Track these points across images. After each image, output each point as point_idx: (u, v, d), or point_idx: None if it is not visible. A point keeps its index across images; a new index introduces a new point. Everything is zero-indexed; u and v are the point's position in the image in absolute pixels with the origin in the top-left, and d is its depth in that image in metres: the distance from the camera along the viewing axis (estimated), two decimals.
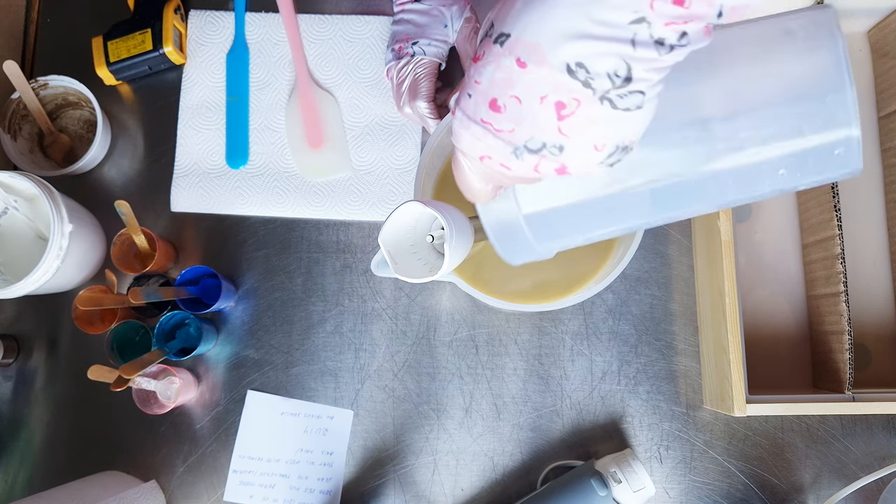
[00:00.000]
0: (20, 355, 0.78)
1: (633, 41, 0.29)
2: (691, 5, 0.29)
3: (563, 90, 0.31)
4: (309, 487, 0.74)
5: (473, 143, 0.34)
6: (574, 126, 0.31)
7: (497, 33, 0.33)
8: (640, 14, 0.29)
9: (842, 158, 0.38)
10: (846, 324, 0.66)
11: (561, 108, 0.31)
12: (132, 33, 0.79)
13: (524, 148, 0.33)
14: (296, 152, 0.80)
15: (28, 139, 0.81)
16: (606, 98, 0.31)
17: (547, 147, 0.32)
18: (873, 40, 0.78)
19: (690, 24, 0.30)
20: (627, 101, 0.31)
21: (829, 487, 0.72)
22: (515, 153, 0.33)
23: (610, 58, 0.30)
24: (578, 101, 0.31)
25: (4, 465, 0.76)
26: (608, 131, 0.32)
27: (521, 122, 0.32)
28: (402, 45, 0.73)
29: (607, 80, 0.30)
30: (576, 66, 0.30)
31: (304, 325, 0.77)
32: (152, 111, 0.82)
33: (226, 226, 0.80)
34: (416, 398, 0.75)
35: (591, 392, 0.75)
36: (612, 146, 0.33)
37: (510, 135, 0.33)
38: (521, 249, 0.44)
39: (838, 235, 0.67)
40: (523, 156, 0.33)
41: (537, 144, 0.32)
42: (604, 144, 0.32)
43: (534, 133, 0.32)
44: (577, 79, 0.30)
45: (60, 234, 0.68)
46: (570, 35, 0.30)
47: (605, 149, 0.33)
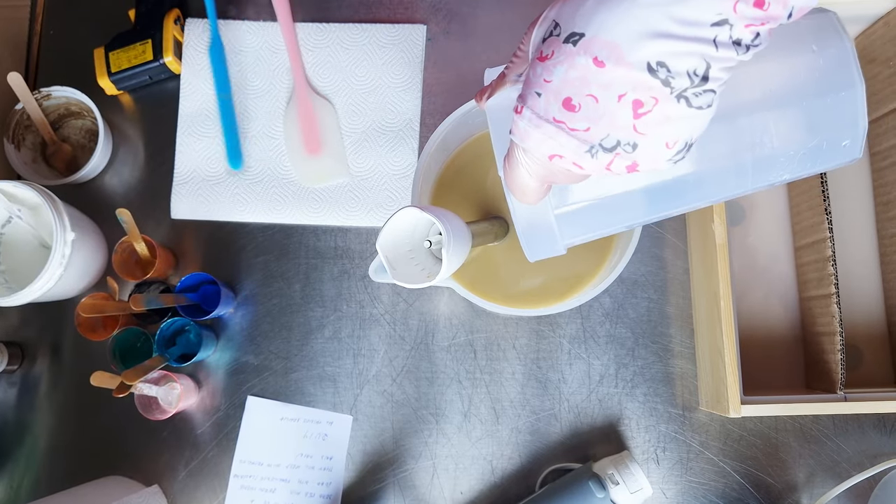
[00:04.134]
0: (24, 362, 0.78)
1: (715, 41, 0.30)
2: (769, 7, 0.30)
3: (642, 88, 0.31)
4: (309, 492, 0.74)
5: (544, 141, 0.34)
6: (650, 124, 0.32)
7: (567, 32, 0.33)
8: (724, 16, 0.30)
9: (847, 149, 0.40)
10: (838, 325, 0.67)
11: (638, 107, 0.31)
12: (133, 44, 0.80)
13: (599, 146, 0.33)
14: (294, 159, 0.80)
15: (31, 149, 0.82)
16: (683, 96, 0.31)
17: (621, 145, 0.33)
18: (861, 47, 0.79)
19: (765, 26, 0.31)
20: (701, 100, 0.32)
21: (822, 486, 0.72)
22: (590, 151, 0.33)
23: (692, 57, 0.30)
24: (656, 100, 0.31)
25: (9, 471, 0.76)
26: (681, 128, 0.32)
27: (598, 120, 0.32)
28: None
29: (687, 78, 0.31)
30: (657, 65, 0.30)
31: (302, 330, 0.78)
32: (152, 120, 0.83)
33: (225, 232, 0.81)
34: (414, 403, 0.76)
35: (588, 395, 0.75)
36: (683, 143, 0.33)
37: (585, 133, 0.33)
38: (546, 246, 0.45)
39: (829, 238, 0.68)
40: (598, 154, 0.33)
41: (612, 142, 0.33)
42: (675, 141, 0.33)
43: (609, 131, 0.32)
44: (657, 77, 0.31)
45: (63, 242, 0.69)
46: (651, 34, 0.30)
47: (675, 146, 0.33)
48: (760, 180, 0.42)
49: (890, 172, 0.75)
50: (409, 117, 0.81)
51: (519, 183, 0.38)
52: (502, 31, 0.83)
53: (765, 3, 0.30)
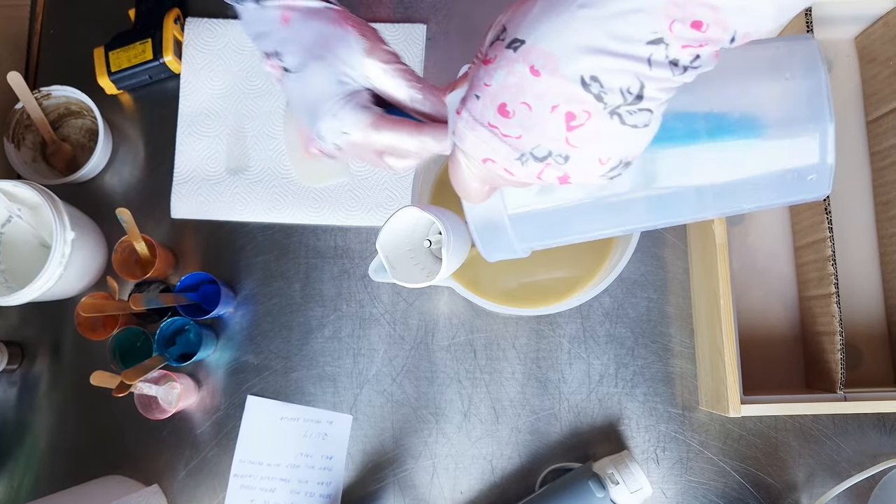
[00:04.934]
0: (24, 361, 0.78)
1: (649, 60, 0.30)
2: (708, 29, 0.30)
3: (574, 101, 0.31)
4: (309, 491, 0.74)
5: (478, 145, 0.34)
6: (582, 137, 0.32)
7: (510, 38, 0.33)
8: (659, 35, 0.30)
9: (813, 184, 0.39)
10: (838, 325, 0.67)
11: (571, 119, 0.31)
12: (133, 43, 0.80)
13: (530, 155, 0.33)
14: (294, 158, 0.80)
15: (31, 148, 0.82)
16: (616, 113, 0.31)
17: (552, 156, 0.33)
18: (860, 46, 0.80)
19: (705, 48, 0.30)
20: (636, 118, 0.31)
21: (822, 485, 0.72)
22: (521, 159, 0.33)
23: (625, 74, 0.30)
24: (589, 114, 0.31)
25: (9, 471, 0.76)
26: (614, 146, 0.32)
27: (530, 129, 0.32)
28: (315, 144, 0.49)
29: (619, 95, 0.31)
30: (590, 80, 0.30)
31: (302, 330, 0.78)
32: (153, 119, 0.83)
33: (225, 232, 0.81)
34: (414, 402, 0.76)
35: (588, 395, 0.75)
36: (616, 160, 0.33)
37: (517, 141, 0.33)
38: (502, 247, 0.45)
39: (829, 238, 0.68)
40: (528, 162, 0.33)
41: (543, 152, 0.33)
42: (608, 158, 0.33)
43: (541, 141, 0.32)
44: (590, 92, 0.31)
45: (63, 241, 0.69)
46: (587, 48, 0.30)
47: (608, 162, 0.33)
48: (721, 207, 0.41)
49: (889, 172, 0.75)
50: None
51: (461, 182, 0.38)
52: None
53: (703, 24, 0.29)
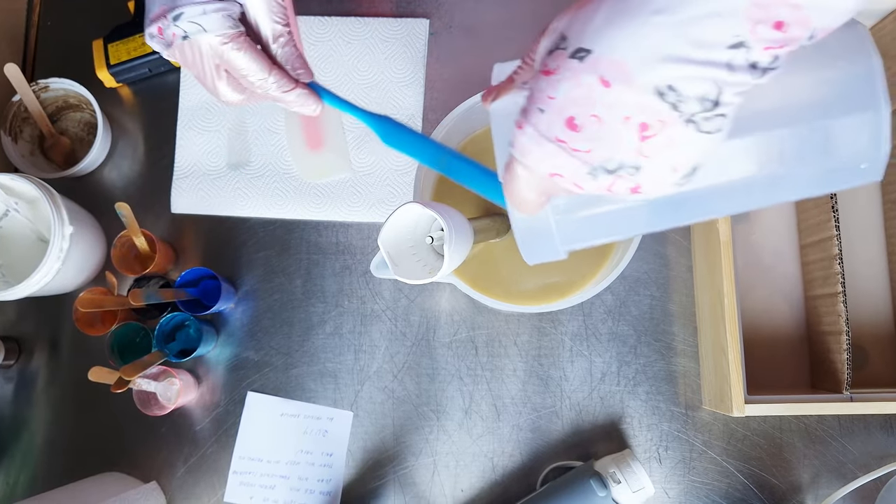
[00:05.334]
0: (21, 357, 0.78)
1: (729, 65, 0.29)
2: (789, 29, 0.29)
3: (649, 112, 0.30)
4: (309, 488, 0.74)
5: (544, 160, 0.33)
6: (655, 147, 0.31)
7: (574, 48, 0.31)
8: (741, 38, 0.29)
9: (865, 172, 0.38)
10: (844, 324, 0.66)
11: (644, 130, 0.30)
12: (132, 36, 0.80)
13: (601, 168, 0.32)
14: (295, 154, 0.79)
15: (29, 141, 0.82)
16: (692, 121, 0.30)
17: (624, 168, 0.32)
18: None
19: (784, 49, 0.29)
20: (711, 124, 0.30)
21: (827, 487, 0.72)
22: (592, 173, 0.32)
23: (703, 81, 0.29)
24: (663, 123, 0.30)
25: (6, 467, 0.76)
26: (688, 153, 0.31)
27: (600, 142, 0.31)
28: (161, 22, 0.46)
29: (696, 103, 0.30)
30: (666, 89, 0.29)
31: (303, 326, 0.77)
32: (152, 113, 0.83)
33: (225, 227, 0.80)
34: (415, 399, 0.76)
35: (590, 393, 0.75)
36: (689, 168, 0.32)
37: (587, 155, 0.32)
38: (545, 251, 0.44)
39: (836, 236, 0.68)
40: (600, 176, 0.32)
41: (614, 165, 0.32)
42: (681, 165, 0.32)
43: (612, 154, 0.31)
44: (665, 101, 0.30)
45: (61, 236, 0.68)
46: (663, 57, 0.29)
47: (681, 170, 0.32)
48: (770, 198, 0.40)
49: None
50: (412, 112, 0.80)
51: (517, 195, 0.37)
52: (505, 26, 0.82)
53: (784, 24, 0.29)
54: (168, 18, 0.45)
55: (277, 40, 0.48)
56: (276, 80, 0.49)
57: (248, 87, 0.49)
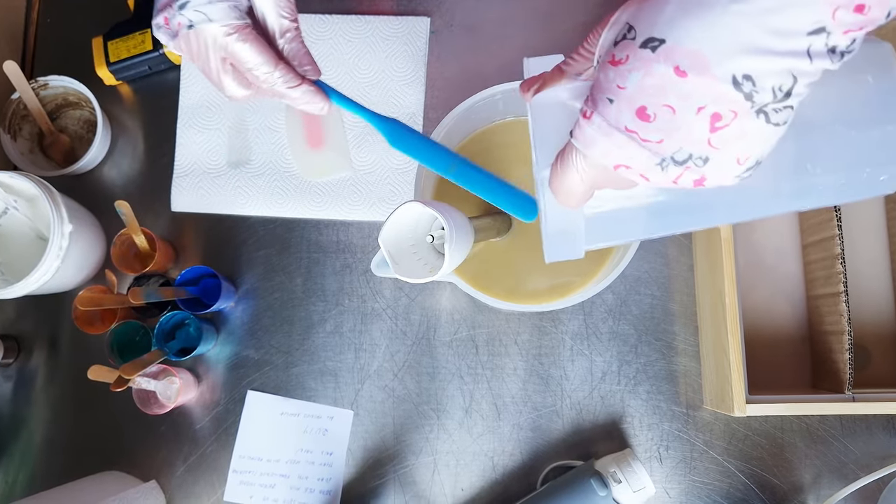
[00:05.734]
0: (20, 355, 0.78)
1: (808, 52, 0.29)
2: (870, 10, 0.28)
3: (723, 102, 0.30)
4: (309, 487, 0.74)
5: (612, 150, 0.33)
6: (725, 138, 0.31)
7: (644, 37, 0.31)
8: (822, 24, 0.28)
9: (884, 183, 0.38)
10: (846, 324, 0.66)
11: (716, 120, 0.30)
12: (132, 33, 0.79)
13: (671, 159, 0.32)
14: (296, 152, 0.79)
15: (28, 139, 0.81)
16: (763, 111, 0.30)
17: (693, 159, 0.31)
18: None
19: (863, 31, 0.29)
20: (779, 116, 0.30)
21: (828, 487, 0.72)
22: (661, 164, 0.32)
23: (780, 71, 0.29)
24: (735, 114, 0.30)
25: (4, 466, 0.76)
26: (754, 144, 0.31)
27: (672, 132, 0.31)
28: (167, 12, 0.46)
29: (771, 93, 0.29)
30: (743, 79, 0.29)
31: (304, 325, 0.77)
32: (152, 111, 0.82)
33: (226, 226, 0.80)
34: (415, 398, 0.75)
35: (591, 392, 0.75)
36: (754, 160, 0.32)
37: (658, 145, 0.31)
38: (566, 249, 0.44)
39: (838, 235, 0.67)
40: (668, 167, 0.32)
41: (684, 156, 0.31)
42: (747, 157, 0.31)
43: (683, 144, 0.31)
44: (741, 91, 0.29)
45: (60, 234, 0.68)
46: (742, 46, 0.29)
47: (746, 162, 0.32)
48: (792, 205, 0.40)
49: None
50: (413, 111, 0.80)
51: (567, 187, 0.37)
52: (506, 25, 0.82)
53: (865, 6, 0.28)
54: (174, 7, 0.45)
55: (284, 35, 0.48)
56: (283, 76, 0.48)
57: (254, 81, 0.48)
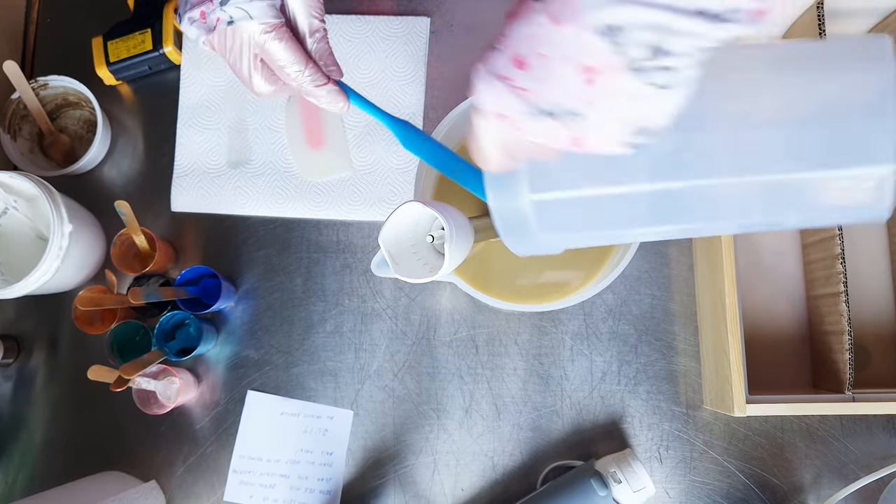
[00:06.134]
0: (20, 355, 0.77)
1: (673, 7, 0.28)
2: None
3: (592, 53, 0.29)
4: (309, 487, 0.74)
5: (490, 98, 0.33)
6: (597, 94, 0.30)
7: None
8: None
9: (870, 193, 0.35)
10: (846, 324, 0.66)
11: (587, 73, 0.29)
12: (132, 33, 0.79)
13: (542, 110, 0.31)
14: (296, 152, 0.79)
15: (28, 139, 0.81)
16: (637, 69, 0.29)
17: (566, 113, 0.31)
18: None
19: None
20: (656, 77, 0.29)
21: (829, 487, 0.72)
22: (532, 114, 0.32)
23: (647, 24, 0.28)
24: (606, 67, 0.29)
25: (4, 466, 0.76)
26: (632, 106, 0.30)
27: (544, 81, 0.30)
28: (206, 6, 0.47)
29: (640, 48, 0.29)
30: (611, 29, 0.28)
31: (304, 325, 0.77)
32: (152, 111, 0.82)
33: (226, 226, 0.80)
34: (416, 398, 0.75)
35: (591, 392, 0.75)
36: (634, 125, 0.31)
37: (529, 94, 0.31)
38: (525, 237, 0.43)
39: (838, 235, 0.67)
40: (540, 119, 0.32)
41: (556, 108, 0.31)
42: (627, 120, 0.31)
43: (554, 95, 0.31)
44: (609, 42, 0.29)
45: (60, 234, 0.68)
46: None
47: (627, 125, 0.31)
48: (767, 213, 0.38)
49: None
50: (413, 111, 0.80)
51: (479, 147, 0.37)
52: None
53: None
54: (214, 2, 0.46)
55: (314, 35, 0.49)
56: (312, 74, 0.49)
57: (284, 78, 0.49)
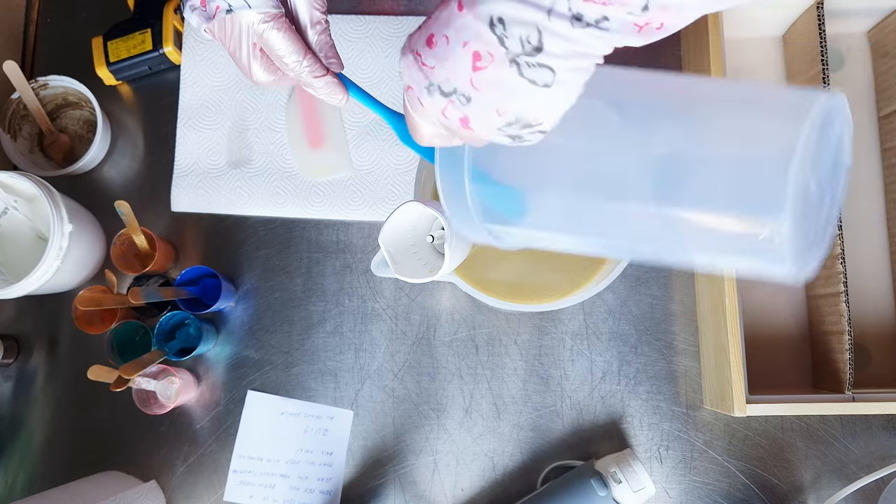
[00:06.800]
0: (20, 355, 0.77)
1: (549, 11, 0.30)
2: None
3: (482, 41, 0.32)
4: (309, 487, 0.74)
5: (405, 70, 0.36)
6: (484, 80, 0.33)
7: None
8: None
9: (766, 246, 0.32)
10: (846, 324, 0.66)
11: (477, 59, 0.32)
12: (132, 33, 0.79)
13: (437, 87, 0.34)
14: (296, 152, 0.79)
15: (28, 139, 0.81)
16: (515, 62, 0.32)
17: (457, 93, 0.34)
18: (873, 40, 0.78)
19: (610, 8, 0.30)
20: (534, 73, 0.32)
21: (829, 487, 0.72)
22: (428, 89, 0.35)
23: (525, 21, 0.31)
24: (492, 57, 0.32)
25: (4, 466, 0.76)
26: (512, 99, 0.33)
27: (443, 61, 0.34)
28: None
29: (519, 42, 0.31)
30: (497, 21, 0.31)
31: (304, 325, 0.77)
32: (152, 111, 0.82)
33: (226, 226, 0.80)
34: (415, 398, 0.75)
35: (591, 392, 0.75)
36: (513, 116, 0.33)
37: (430, 71, 0.34)
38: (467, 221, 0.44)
39: (839, 235, 0.67)
40: (434, 94, 0.35)
41: (449, 88, 0.34)
42: (505, 110, 0.33)
43: (449, 76, 0.34)
44: (494, 33, 0.31)
45: (60, 234, 0.68)
46: None
47: (505, 115, 0.33)
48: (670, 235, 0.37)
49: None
50: None
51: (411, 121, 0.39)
52: None
53: None
54: None
55: (315, 27, 0.49)
56: (310, 65, 0.50)
57: (282, 68, 0.50)
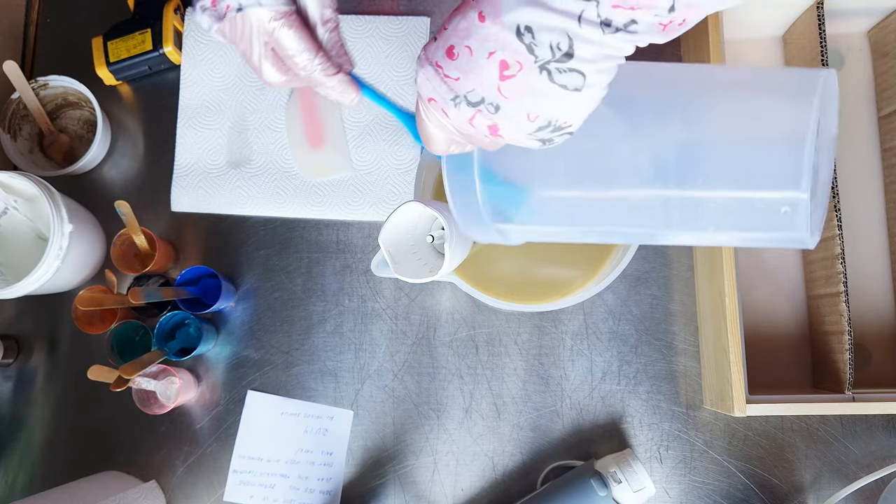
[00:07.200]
0: (20, 355, 0.77)
1: (579, 17, 0.31)
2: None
3: (509, 50, 0.32)
4: (309, 487, 0.74)
5: (424, 82, 0.36)
6: (513, 89, 0.33)
7: None
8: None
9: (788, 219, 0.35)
10: (846, 324, 0.66)
11: (504, 69, 0.32)
12: (132, 33, 0.79)
13: (464, 98, 0.34)
14: (296, 152, 0.79)
15: (28, 139, 0.81)
16: (546, 68, 0.32)
17: (484, 103, 0.34)
18: (873, 40, 0.78)
19: (639, 12, 0.31)
20: (565, 78, 0.32)
21: (829, 487, 0.72)
22: (454, 101, 0.35)
23: (555, 28, 0.31)
24: (521, 65, 0.32)
25: (4, 466, 0.76)
26: (543, 104, 0.33)
27: (468, 72, 0.34)
28: None
29: (549, 50, 0.31)
30: (524, 30, 0.31)
31: (304, 325, 0.77)
32: (152, 111, 0.82)
33: (226, 226, 0.80)
34: (416, 398, 0.75)
35: (591, 392, 0.75)
36: (545, 121, 0.34)
37: (455, 82, 0.34)
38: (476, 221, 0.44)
39: (838, 235, 0.67)
40: (461, 106, 0.35)
41: (476, 98, 0.34)
42: (536, 116, 0.34)
43: (476, 86, 0.34)
44: (522, 42, 0.32)
45: (60, 234, 0.68)
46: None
47: (537, 121, 0.34)
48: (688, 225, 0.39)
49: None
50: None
51: (424, 130, 0.39)
52: None
53: None
54: None
55: (325, 24, 0.49)
56: (322, 64, 0.49)
57: (293, 67, 0.49)
